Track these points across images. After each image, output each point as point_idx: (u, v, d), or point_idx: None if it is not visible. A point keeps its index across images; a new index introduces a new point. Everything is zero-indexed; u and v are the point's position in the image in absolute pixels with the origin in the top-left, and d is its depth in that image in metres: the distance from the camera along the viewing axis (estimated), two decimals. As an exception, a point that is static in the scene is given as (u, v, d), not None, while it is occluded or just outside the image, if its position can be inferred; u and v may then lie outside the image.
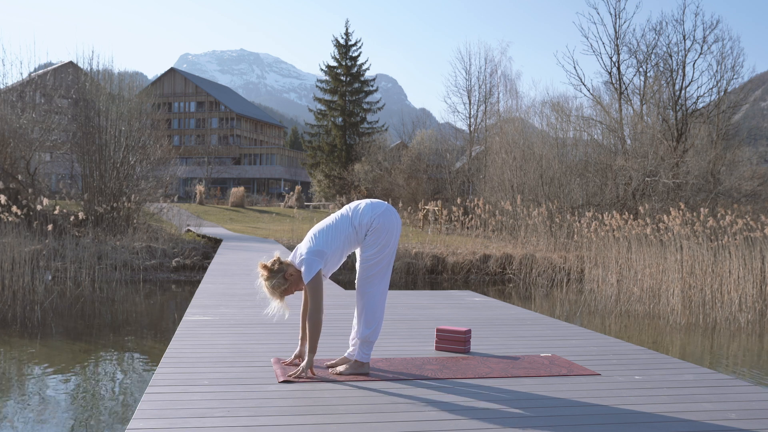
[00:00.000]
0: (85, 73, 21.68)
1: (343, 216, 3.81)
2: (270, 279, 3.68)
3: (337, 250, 3.72)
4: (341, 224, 3.76)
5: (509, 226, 21.14)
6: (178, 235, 19.56)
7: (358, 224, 3.75)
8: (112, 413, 5.66)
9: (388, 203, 3.92)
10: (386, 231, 3.74)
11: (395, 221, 3.80)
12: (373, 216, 3.75)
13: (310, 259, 3.63)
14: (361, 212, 3.77)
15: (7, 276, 12.26)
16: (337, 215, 3.83)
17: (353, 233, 3.75)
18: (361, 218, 3.75)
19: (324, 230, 3.76)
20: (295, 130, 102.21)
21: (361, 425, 2.90)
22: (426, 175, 34.96)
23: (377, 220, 3.74)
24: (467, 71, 37.77)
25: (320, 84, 49.00)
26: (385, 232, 3.74)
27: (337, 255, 3.74)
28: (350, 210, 3.82)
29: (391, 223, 3.77)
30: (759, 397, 3.49)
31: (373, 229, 3.73)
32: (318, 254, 3.64)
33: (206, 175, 53.54)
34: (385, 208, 3.81)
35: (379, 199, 3.99)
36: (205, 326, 5.31)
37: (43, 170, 22.16)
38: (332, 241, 3.71)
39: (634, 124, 25.68)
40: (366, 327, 3.80)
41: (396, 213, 3.87)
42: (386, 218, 3.76)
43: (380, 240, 3.73)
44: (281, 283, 3.68)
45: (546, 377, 3.83)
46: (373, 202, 3.85)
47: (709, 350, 8.82)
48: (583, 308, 11.96)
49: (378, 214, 3.75)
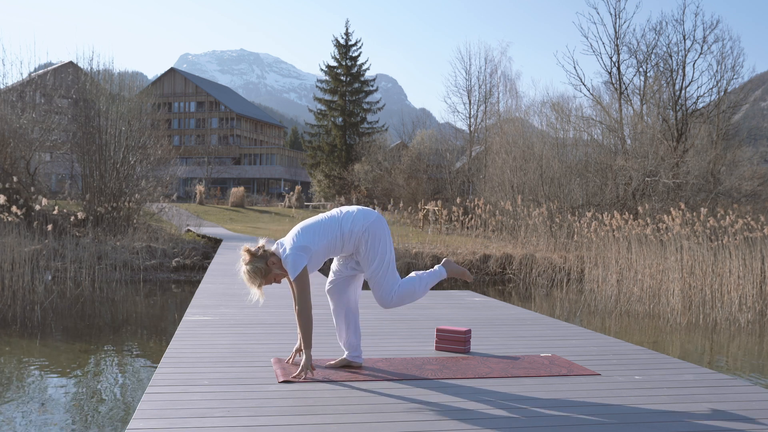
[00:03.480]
0: (85, 73, 21.68)
1: (332, 217, 3.77)
2: (251, 263, 3.64)
3: (320, 249, 3.67)
4: (329, 225, 3.72)
5: (509, 226, 21.14)
6: (178, 235, 19.56)
7: (348, 230, 3.70)
8: (112, 413, 5.66)
9: (377, 212, 3.90)
10: (381, 239, 3.74)
11: (386, 229, 3.81)
12: (365, 224, 3.72)
13: (296, 254, 3.58)
14: (353, 219, 3.73)
15: (7, 276, 12.26)
16: (325, 215, 3.80)
17: (339, 237, 3.70)
18: (353, 225, 3.71)
19: (310, 227, 3.71)
20: (295, 130, 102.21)
21: (361, 425, 2.90)
22: (426, 175, 34.98)
23: (370, 229, 3.72)
24: (467, 71, 37.81)
25: (320, 84, 49.01)
26: (380, 240, 3.74)
27: (320, 255, 3.69)
28: (341, 213, 3.79)
29: (383, 231, 3.77)
30: (759, 397, 3.49)
31: (367, 239, 3.70)
32: (303, 250, 3.60)
33: (206, 175, 53.53)
34: (376, 216, 3.80)
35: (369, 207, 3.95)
36: (205, 326, 5.31)
37: (43, 170, 22.16)
38: (318, 240, 3.66)
39: (634, 124, 25.68)
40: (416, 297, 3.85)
41: (385, 221, 3.87)
42: (379, 227, 3.75)
43: (378, 249, 3.72)
44: (262, 268, 3.63)
45: (546, 377, 3.83)
46: (364, 209, 3.82)
47: (709, 350, 8.82)
48: (583, 308, 11.96)
49: (370, 223, 3.73)
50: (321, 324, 5.58)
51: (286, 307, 6.51)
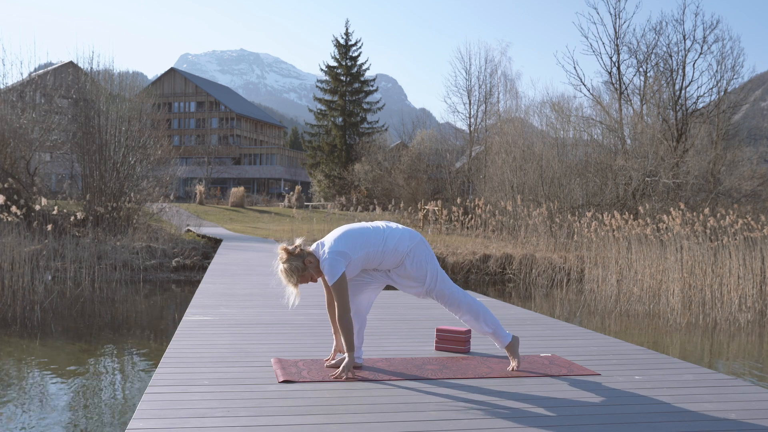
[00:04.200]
0: (85, 73, 21.68)
1: (377, 229, 3.80)
2: (288, 261, 3.66)
3: (359, 259, 3.70)
4: (373, 236, 3.75)
5: (509, 226, 21.13)
6: (178, 235, 19.56)
7: (392, 247, 3.74)
8: (112, 413, 5.66)
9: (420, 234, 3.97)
10: (426, 258, 3.83)
11: (431, 250, 3.92)
12: (411, 245, 3.79)
13: (334, 259, 3.60)
14: (400, 237, 3.78)
15: (7, 276, 12.26)
16: (370, 225, 3.83)
17: (380, 252, 3.73)
18: (398, 244, 3.76)
19: (353, 234, 3.73)
20: (295, 130, 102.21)
21: (361, 425, 2.90)
22: (426, 175, 34.97)
23: (415, 249, 3.80)
24: (467, 71, 37.76)
25: (320, 84, 49.03)
26: (426, 259, 3.82)
27: (357, 264, 3.71)
28: (386, 228, 3.83)
29: (428, 251, 3.88)
30: (759, 397, 3.49)
31: (413, 258, 3.78)
32: (342, 255, 3.62)
33: (206, 175, 53.49)
34: (421, 238, 3.88)
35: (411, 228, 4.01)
36: (205, 326, 5.31)
37: (43, 170, 22.15)
38: (359, 249, 3.68)
39: (634, 124, 25.69)
40: (486, 325, 3.91)
41: (428, 243, 3.98)
42: (424, 248, 3.85)
43: (427, 266, 3.80)
44: (299, 267, 3.65)
45: (546, 377, 3.83)
46: (409, 230, 3.89)
47: (709, 350, 8.82)
48: (583, 308, 11.96)
49: (415, 244, 3.81)
50: (321, 324, 5.58)
51: (286, 308, 6.51)
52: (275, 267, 3.76)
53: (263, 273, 10.04)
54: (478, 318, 3.89)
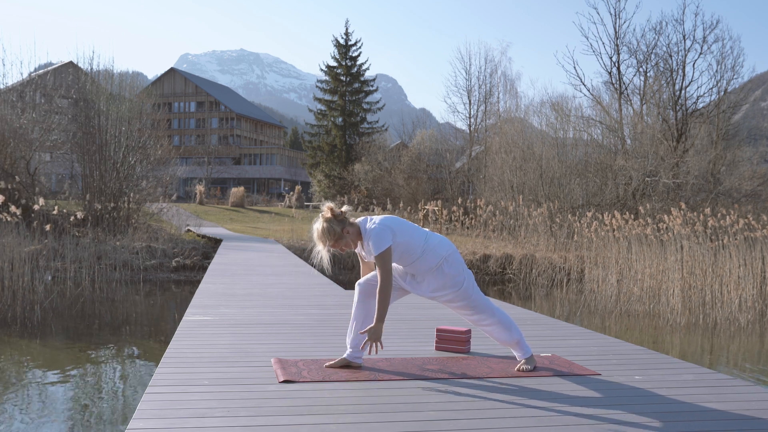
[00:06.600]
0: (85, 73, 21.68)
1: (420, 228, 3.89)
2: (329, 222, 3.68)
3: (400, 244, 3.73)
4: (417, 231, 3.82)
5: (509, 226, 21.14)
6: (178, 235, 19.56)
7: (432, 247, 3.79)
8: (112, 413, 5.66)
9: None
10: (462, 266, 3.89)
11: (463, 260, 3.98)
12: (449, 250, 3.87)
13: (382, 230, 3.65)
14: (440, 240, 3.85)
15: (7, 276, 12.25)
16: (414, 224, 3.91)
17: (422, 246, 3.77)
18: (438, 246, 3.81)
19: (400, 220, 3.81)
20: (295, 130, 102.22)
21: (361, 425, 2.90)
22: (426, 175, 34.99)
23: (453, 255, 3.87)
24: (467, 71, 37.77)
25: (320, 84, 49.01)
26: (462, 267, 3.89)
27: (397, 250, 3.74)
28: (426, 230, 3.92)
29: (461, 260, 3.95)
30: (759, 397, 3.49)
31: (451, 263, 3.84)
32: (390, 230, 3.68)
33: (206, 175, 53.51)
34: (455, 248, 3.96)
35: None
36: (205, 326, 5.31)
37: (43, 170, 22.16)
38: (404, 234, 3.74)
39: (634, 124, 25.69)
40: (508, 334, 3.93)
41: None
42: (458, 257, 3.92)
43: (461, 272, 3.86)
44: (337, 231, 3.67)
45: (546, 377, 3.82)
46: (444, 238, 3.95)
47: (709, 350, 8.82)
48: (583, 308, 11.96)
49: (453, 250, 3.90)
50: (322, 324, 5.58)
51: (286, 307, 6.52)
52: (314, 222, 3.77)
53: (263, 273, 10.05)
54: (510, 328, 3.93)
